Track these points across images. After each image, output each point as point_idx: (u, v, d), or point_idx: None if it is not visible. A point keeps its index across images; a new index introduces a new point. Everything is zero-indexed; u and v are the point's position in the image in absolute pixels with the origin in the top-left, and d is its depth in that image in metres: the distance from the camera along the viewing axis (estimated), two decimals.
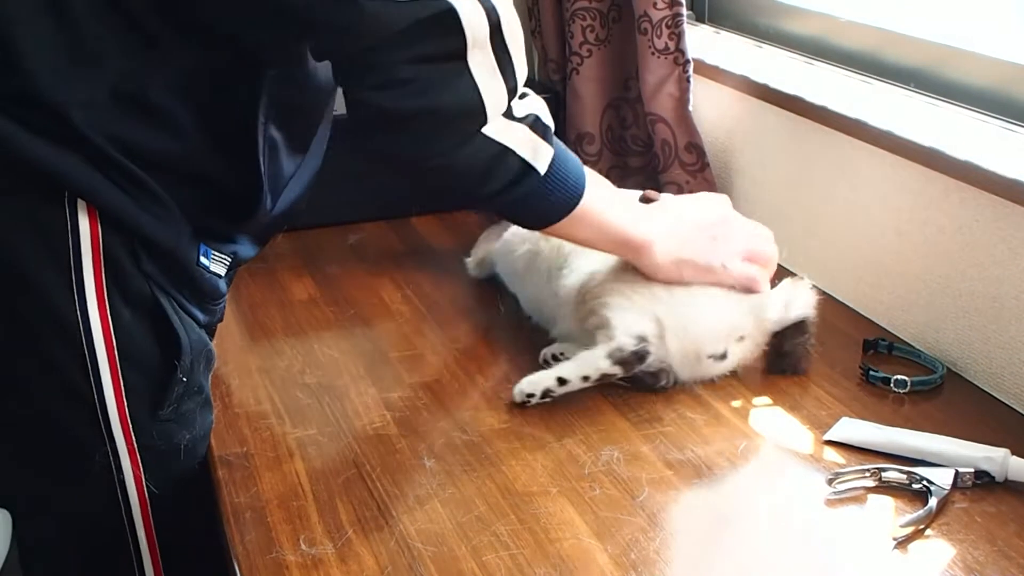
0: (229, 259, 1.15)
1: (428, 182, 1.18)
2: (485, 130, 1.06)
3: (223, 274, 1.15)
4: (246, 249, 1.18)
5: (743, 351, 1.25)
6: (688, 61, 1.65)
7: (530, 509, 1.04)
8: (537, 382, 1.20)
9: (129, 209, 1.04)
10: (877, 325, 1.40)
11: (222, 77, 1.05)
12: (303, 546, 0.99)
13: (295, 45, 1.08)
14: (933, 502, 1.02)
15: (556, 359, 1.27)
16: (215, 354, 1.18)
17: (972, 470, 1.06)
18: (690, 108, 1.67)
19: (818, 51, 1.61)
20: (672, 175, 1.68)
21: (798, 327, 1.26)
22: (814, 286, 1.27)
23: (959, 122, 1.32)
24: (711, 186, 1.68)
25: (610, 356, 1.18)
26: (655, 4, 1.62)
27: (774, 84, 1.54)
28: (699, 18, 1.87)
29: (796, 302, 1.25)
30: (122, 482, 1.10)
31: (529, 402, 1.19)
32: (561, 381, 1.19)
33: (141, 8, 1.01)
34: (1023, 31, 1.35)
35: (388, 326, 1.42)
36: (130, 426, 1.08)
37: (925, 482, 1.05)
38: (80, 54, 1.00)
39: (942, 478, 1.05)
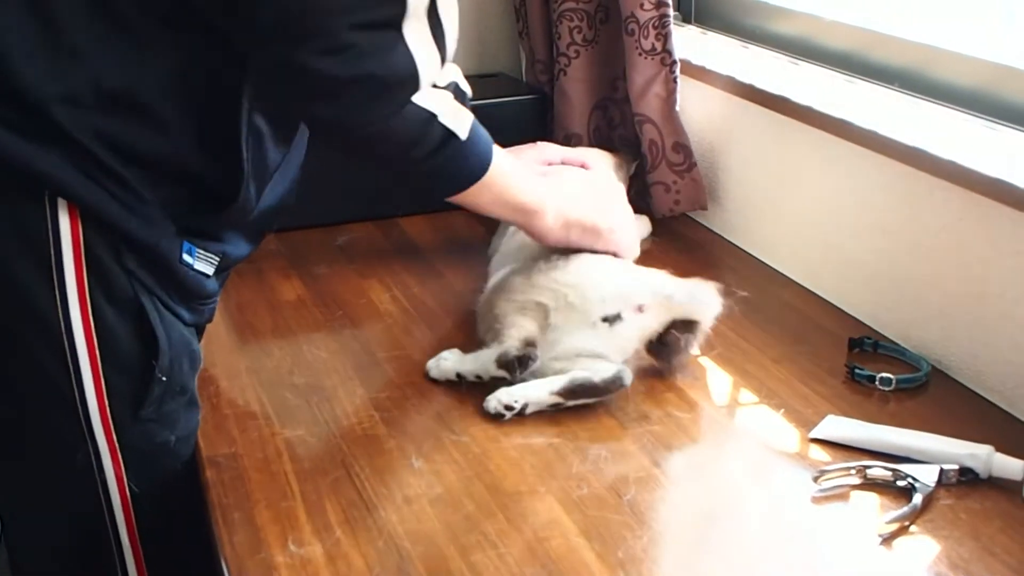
0: (217, 258, 1.13)
1: (357, 151, 1.16)
2: (414, 97, 1.06)
3: (210, 273, 1.13)
4: (236, 248, 1.17)
5: (644, 323, 1.24)
6: (675, 62, 1.66)
7: (518, 508, 1.04)
8: (444, 370, 1.27)
9: (109, 206, 1.03)
10: (862, 323, 1.40)
11: (206, 69, 1.04)
12: (292, 546, 1.00)
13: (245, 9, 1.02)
14: (918, 499, 1.03)
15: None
16: (200, 354, 1.17)
17: (957, 467, 1.07)
18: (677, 108, 1.67)
19: (803, 51, 1.61)
20: (659, 175, 1.69)
21: (688, 324, 1.25)
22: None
23: (943, 122, 1.33)
24: (698, 186, 1.69)
25: (496, 360, 1.21)
26: (642, 5, 1.63)
27: (760, 84, 1.55)
28: (686, 19, 1.88)
29: (703, 298, 1.25)
30: (104, 482, 1.10)
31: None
32: (460, 376, 1.26)
33: (123, 1, 1.00)
34: (1006, 32, 1.36)
35: (376, 327, 1.42)
36: (111, 425, 1.08)
37: (910, 479, 1.05)
38: (62, 49, 0.99)
39: (927, 475, 1.06)
